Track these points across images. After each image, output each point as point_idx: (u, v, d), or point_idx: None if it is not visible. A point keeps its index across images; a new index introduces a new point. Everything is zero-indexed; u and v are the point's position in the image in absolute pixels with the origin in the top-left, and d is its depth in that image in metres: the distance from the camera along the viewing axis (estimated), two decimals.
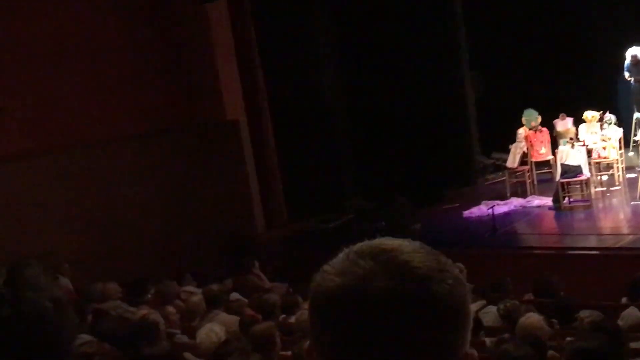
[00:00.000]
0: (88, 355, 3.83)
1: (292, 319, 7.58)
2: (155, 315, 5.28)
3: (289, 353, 5.64)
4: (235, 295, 8.90)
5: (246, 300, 8.52)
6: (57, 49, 11.64)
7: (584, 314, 6.63)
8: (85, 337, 5.20)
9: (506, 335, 5.90)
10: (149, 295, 8.83)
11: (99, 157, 12.00)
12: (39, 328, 1.04)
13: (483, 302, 7.70)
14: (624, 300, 8.02)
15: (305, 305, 8.56)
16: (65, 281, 9.13)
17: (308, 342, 1.09)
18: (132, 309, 7.70)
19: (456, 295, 1.06)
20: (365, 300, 1.02)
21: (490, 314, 7.26)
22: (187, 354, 5.80)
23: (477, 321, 6.57)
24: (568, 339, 5.82)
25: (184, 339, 6.98)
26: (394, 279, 1.02)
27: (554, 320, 6.97)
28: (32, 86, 11.27)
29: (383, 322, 1.01)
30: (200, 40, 13.28)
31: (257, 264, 10.62)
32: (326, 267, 1.08)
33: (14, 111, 10.94)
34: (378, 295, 1.01)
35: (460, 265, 8.95)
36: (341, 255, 1.08)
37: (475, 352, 1.09)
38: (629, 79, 14.08)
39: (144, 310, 7.12)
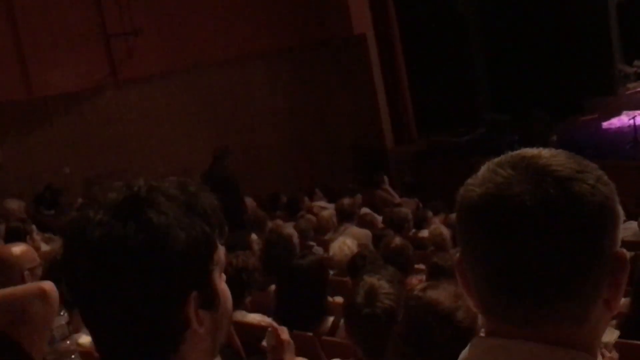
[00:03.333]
0: (228, 265, 4.01)
1: (424, 233, 7.61)
2: (289, 229, 5.44)
3: (422, 266, 5.69)
4: (365, 210, 9.00)
5: (377, 215, 8.60)
6: None
7: None
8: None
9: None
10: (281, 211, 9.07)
11: (232, 74, 12.25)
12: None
13: (622, 217, 7.43)
14: None
15: (436, 220, 8.56)
16: (207, 196, 9.51)
17: (458, 254, 1.09)
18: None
19: (599, 194, 1.03)
20: (506, 205, 1.01)
21: (630, 229, 7.01)
22: None
23: None
24: None
25: (319, 251, 7.17)
26: (533, 182, 1.01)
27: None
28: (167, 7, 11.56)
29: (525, 225, 1.00)
30: None
31: (386, 179, 10.66)
32: (469, 180, 1.08)
33: (150, 32, 11.29)
34: (518, 200, 1.00)
35: None
36: (483, 167, 1.08)
37: (625, 251, 1.06)
38: None
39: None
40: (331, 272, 5.28)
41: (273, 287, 4.77)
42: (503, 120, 13.69)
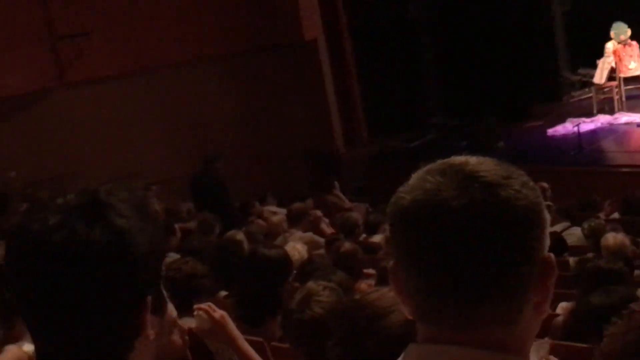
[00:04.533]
0: (175, 271, 3.98)
1: (374, 238, 7.66)
2: (239, 234, 5.43)
3: (372, 271, 5.72)
4: (316, 214, 9.00)
5: (327, 220, 8.63)
6: None
7: None
8: (173, 255, 5.38)
9: (590, 255, 5.82)
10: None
11: (184, 78, 12.17)
12: (126, 250, 1.07)
13: (567, 223, 7.58)
14: None
15: (387, 225, 8.60)
16: (152, 201, 9.43)
17: (392, 262, 1.11)
18: None
19: (525, 199, 1.05)
20: (435, 211, 1.03)
21: (574, 235, 7.16)
22: None
23: (561, 241, 6.50)
24: None
25: None
26: (461, 188, 1.04)
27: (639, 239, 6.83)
28: (118, 9, 11.42)
29: (454, 230, 1.02)
30: None
31: (337, 184, 10.70)
32: (400, 188, 1.11)
33: (100, 34, 11.14)
34: (447, 205, 1.03)
35: (545, 184, 8.85)
36: (414, 175, 1.10)
37: (552, 256, 1.08)
38: None
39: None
40: None
41: (223, 293, 4.75)
42: (452, 126, 13.86)
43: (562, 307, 4.40)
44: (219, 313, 2.73)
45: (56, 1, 10.82)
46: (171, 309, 1.17)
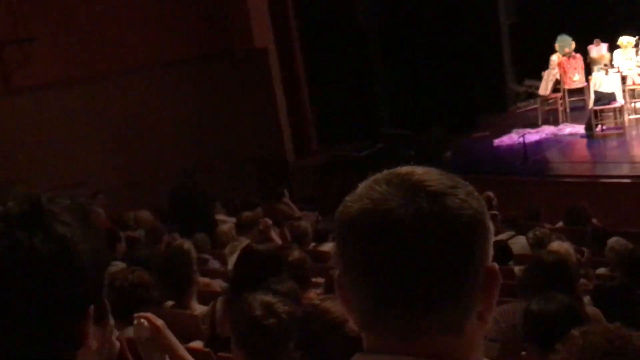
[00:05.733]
0: (121, 281, 3.92)
1: (324, 247, 7.66)
2: (186, 243, 5.37)
3: (321, 280, 5.72)
4: (265, 223, 8.97)
5: (277, 228, 8.61)
6: None
7: (613, 242, 6.60)
8: (119, 264, 5.31)
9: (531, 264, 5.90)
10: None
11: (132, 84, 12.03)
12: (66, 259, 1.05)
13: (512, 232, 7.69)
14: None
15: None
16: (99, 210, 9.29)
17: (338, 271, 1.10)
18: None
19: (470, 208, 1.06)
20: (381, 220, 1.04)
21: (518, 244, 7.27)
22: (218, 281, 5.92)
23: (507, 249, 6.59)
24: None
25: (216, 264, 7.11)
26: (407, 197, 1.04)
27: (584, 248, 6.97)
28: (65, 15, 11.25)
29: (399, 238, 1.03)
30: None
31: (287, 193, 10.69)
32: (347, 197, 1.11)
33: (46, 40, 10.95)
34: (393, 214, 1.03)
35: (490, 193, 8.97)
36: (361, 184, 1.11)
37: (496, 266, 1.09)
38: None
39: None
40: None
41: (170, 303, 4.69)
42: (401, 136, 13.98)
43: (503, 306, 4.44)
44: (160, 321, 2.70)
45: (1, 6, 10.61)
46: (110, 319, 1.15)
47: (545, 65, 13.90)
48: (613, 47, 13.64)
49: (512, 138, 12.97)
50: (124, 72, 11.85)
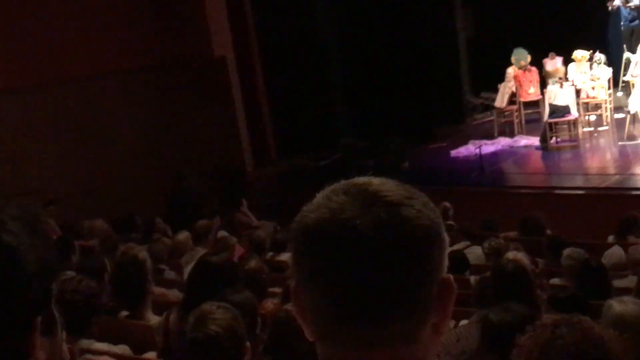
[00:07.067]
0: (71, 292, 3.85)
1: (282, 257, 7.64)
2: (142, 252, 5.30)
3: (278, 290, 5.69)
4: (223, 233, 8.93)
5: (234, 238, 8.56)
6: None
7: (569, 251, 6.68)
8: (70, 273, 5.21)
9: (489, 274, 5.95)
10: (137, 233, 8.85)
11: (88, 92, 11.87)
12: (15, 267, 1.02)
13: (467, 242, 7.75)
14: (610, 239, 8.11)
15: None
16: (49, 221, 9.14)
17: (294, 281, 1.09)
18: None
19: (426, 218, 1.07)
20: (339, 229, 1.04)
21: (474, 254, 7.33)
22: (174, 291, 5.85)
23: (463, 259, 6.63)
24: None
25: (172, 275, 7.04)
26: (364, 207, 1.05)
27: (538, 259, 7.05)
28: (16, 20, 11.06)
29: (356, 248, 1.02)
30: None
31: (245, 202, 10.65)
32: (304, 207, 1.11)
33: None
34: (350, 224, 1.03)
35: (447, 204, 9.04)
36: (318, 194, 1.10)
37: (451, 277, 1.10)
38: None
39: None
40: None
41: (124, 313, 4.62)
42: (360, 146, 14.04)
43: (464, 325, 4.48)
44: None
45: None
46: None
47: (501, 78, 14.10)
48: (568, 60, 13.89)
49: (468, 149, 13.11)
50: (79, 79, 11.69)
